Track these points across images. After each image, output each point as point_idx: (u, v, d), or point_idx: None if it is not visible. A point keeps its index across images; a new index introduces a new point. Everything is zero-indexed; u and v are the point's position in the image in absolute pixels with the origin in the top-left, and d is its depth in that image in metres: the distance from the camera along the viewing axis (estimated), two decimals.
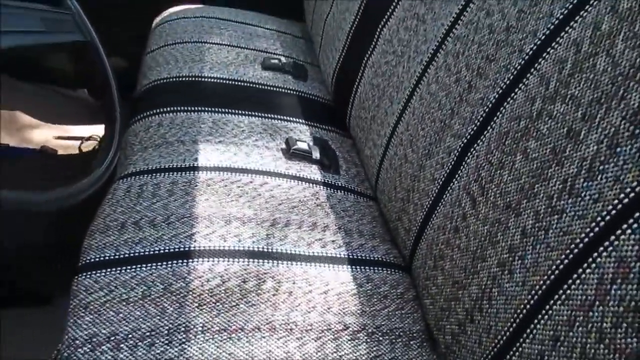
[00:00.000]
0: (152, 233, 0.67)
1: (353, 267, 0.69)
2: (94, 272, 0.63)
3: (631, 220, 0.40)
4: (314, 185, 0.81)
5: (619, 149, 0.42)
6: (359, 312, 0.64)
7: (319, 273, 0.66)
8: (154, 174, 0.77)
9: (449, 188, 0.62)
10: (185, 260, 0.64)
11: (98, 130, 1.56)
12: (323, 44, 1.16)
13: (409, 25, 0.79)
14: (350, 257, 0.70)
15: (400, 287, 0.69)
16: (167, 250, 0.65)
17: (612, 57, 0.45)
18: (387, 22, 0.86)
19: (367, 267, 0.70)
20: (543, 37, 0.53)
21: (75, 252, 0.69)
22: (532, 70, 0.53)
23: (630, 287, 0.39)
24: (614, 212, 0.41)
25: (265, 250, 0.67)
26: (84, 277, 0.63)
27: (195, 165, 0.79)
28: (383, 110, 0.81)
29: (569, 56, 0.49)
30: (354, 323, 0.62)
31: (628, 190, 0.40)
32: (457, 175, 0.60)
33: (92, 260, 0.65)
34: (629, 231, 0.40)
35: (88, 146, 1.52)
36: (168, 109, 0.93)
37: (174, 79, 1.03)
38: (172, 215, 0.70)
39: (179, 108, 0.93)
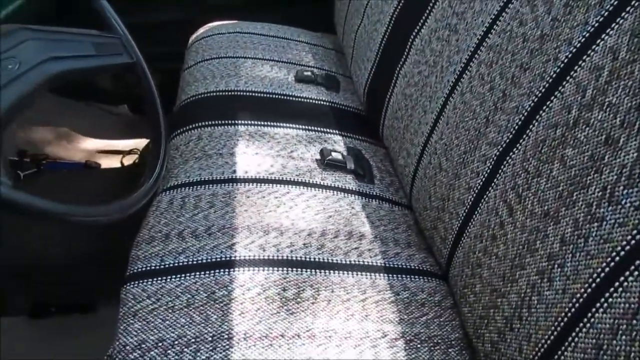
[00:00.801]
0: (195, 243, 0.70)
1: (390, 275, 0.70)
2: (141, 281, 0.66)
3: None
4: (349, 194, 0.83)
5: None
6: (397, 319, 0.64)
7: (357, 281, 0.68)
8: (195, 187, 0.80)
9: (485, 196, 0.62)
10: (226, 270, 0.66)
11: (138, 144, 1.63)
12: (355, 55, 1.18)
13: (441, 35, 0.80)
14: (387, 265, 0.71)
15: (437, 295, 0.69)
16: (209, 260, 0.67)
17: None
18: (419, 32, 0.87)
19: (403, 275, 0.70)
20: (578, 45, 0.53)
21: (121, 262, 0.73)
22: (568, 78, 0.53)
23: None
24: None
25: (304, 259, 0.69)
26: (132, 285, 0.66)
27: (234, 177, 0.81)
28: (416, 120, 0.82)
29: (605, 63, 0.49)
30: (392, 330, 0.63)
31: None
32: (493, 184, 0.61)
33: (140, 269, 0.68)
34: None
35: (129, 159, 1.58)
36: (206, 122, 0.97)
37: (211, 94, 1.07)
38: (213, 226, 0.72)
39: (216, 122, 0.96)
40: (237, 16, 1.49)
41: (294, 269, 0.67)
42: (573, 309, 0.47)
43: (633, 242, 0.42)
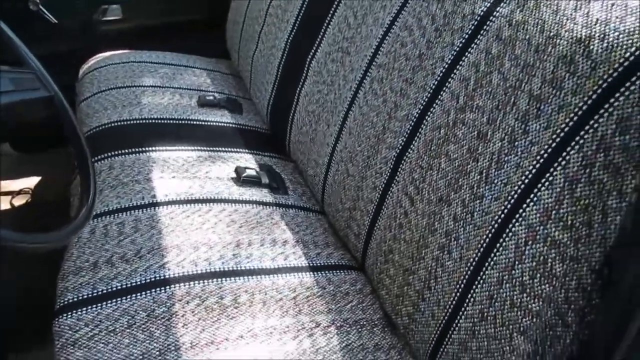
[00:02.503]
0: (126, 267, 0.71)
1: (315, 272, 0.77)
2: (74, 311, 0.66)
3: (532, 195, 0.52)
4: (268, 206, 0.89)
5: (516, 143, 0.55)
6: (326, 310, 0.72)
7: (286, 282, 0.74)
8: (116, 214, 0.81)
9: (389, 192, 0.72)
10: (163, 288, 0.69)
11: (28, 182, 1.53)
12: (253, 78, 1.26)
13: (335, 57, 0.91)
14: (311, 264, 0.79)
15: (358, 284, 0.78)
16: (144, 281, 0.69)
17: (503, 74, 0.58)
18: (315, 55, 0.97)
19: (326, 272, 0.78)
20: (449, 62, 0.66)
21: (46, 298, 0.72)
22: (444, 88, 0.66)
23: (538, 245, 0.51)
24: (519, 191, 0.53)
25: (236, 268, 0.74)
26: (64, 318, 0.66)
27: (155, 201, 0.84)
28: (321, 133, 0.92)
29: (471, 75, 0.62)
30: (324, 320, 0.70)
31: (527, 172, 0.53)
32: (395, 181, 0.72)
33: (70, 300, 0.68)
34: (532, 204, 0.52)
35: (20, 200, 1.48)
36: (116, 152, 0.97)
37: (116, 124, 1.07)
38: (142, 249, 0.74)
39: (126, 150, 0.97)
40: (127, 46, 1.49)
41: (228, 278, 0.72)
42: (469, 272, 0.58)
43: (506, 210, 0.55)
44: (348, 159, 0.83)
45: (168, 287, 0.69)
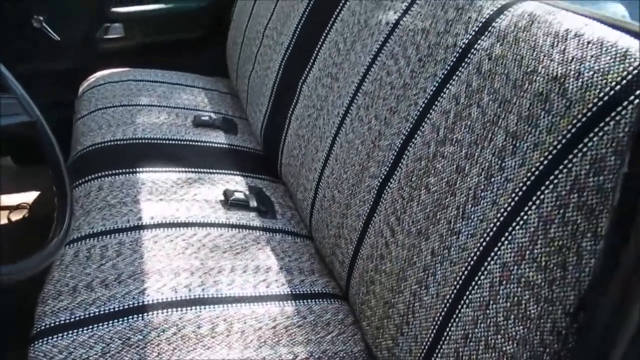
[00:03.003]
0: (105, 293, 0.71)
1: (297, 301, 0.76)
2: (50, 337, 0.66)
3: (507, 234, 0.51)
4: (254, 231, 0.89)
5: (492, 179, 0.54)
6: (305, 341, 0.71)
7: (266, 311, 0.73)
8: (100, 237, 0.81)
9: (372, 222, 0.72)
10: (140, 315, 0.68)
11: (27, 197, 1.54)
12: (249, 99, 1.26)
13: (325, 82, 0.91)
14: (293, 292, 0.78)
15: (340, 314, 0.77)
16: (121, 307, 0.69)
17: (482, 108, 0.58)
18: (306, 80, 0.97)
19: (309, 300, 0.77)
20: (431, 93, 0.66)
21: (26, 322, 0.71)
22: (426, 119, 0.65)
23: (512, 285, 0.50)
24: (495, 229, 0.52)
25: (215, 296, 0.73)
26: (40, 344, 0.65)
27: (140, 224, 0.84)
28: (310, 158, 0.91)
29: (451, 108, 0.62)
30: (302, 351, 0.69)
31: (502, 210, 0.52)
32: (377, 210, 0.71)
33: (48, 326, 0.67)
34: (506, 242, 0.51)
35: (17, 214, 1.49)
36: (106, 172, 0.97)
37: (109, 143, 1.08)
38: (123, 274, 0.74)
39: (117, 171, 0.98)
40: (128, 63, 1.51)
41: (208, 306, 0.71)
42: (445, 309, 0.57)
43: (482, 248, 0.53)
44: (334, 185, 0.82)
45: (145, 314, 0.68)
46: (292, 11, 1.10)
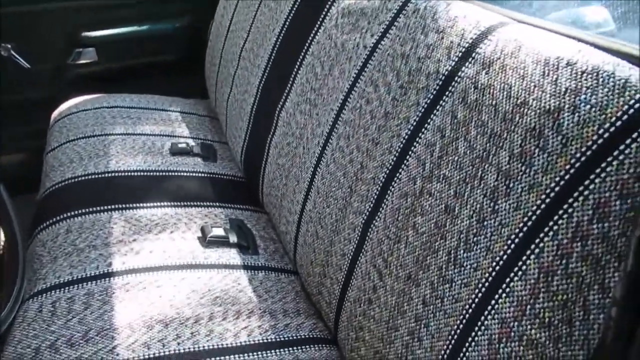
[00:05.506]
0: (70, 354, 0.65)
1: (282, 350, 0.71)
2: None
3: (504, 285, 0.46)
4: (235, 270, 0.83)
5: (485, 222, 0.49)
6: None
7: None
8: (67, 287, 0.75)
9: (358, 262, 0.66)
10: None
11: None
12: (228, 122, 1.21)
13: (303, 109, 0.86)
14: (278, 340, 0.72)
15: None
16: None
17: (469, 142, 0.53)
18: (284, 105, 0.92)
19: (294, 348, 0.72)
20: (414, 123, 0.61)
21: None
22: (410, 152, 0.60)
23: (513, 344, 0.45)
24: (490, 279, 0.47)
25: (192, 349, 0.67)
26: None
27: (110, 271, 0.78)
28: (291, 189, 0.86)
29: (436, 140, 0.57)
30: None
31: (497, 258, 0.47)
32: (363, 250, 0.65)
33: None
34: (504, 295, 0.46)
35: None
36: (76, 212, 0.91)
37: (79, 179, 1.02)
38: (91, 330, 0.68)
39: (87, 209, 0.92)
40: (102, 89, 1.45)
41: None
42: None
43: (477, 300, 0.48)
44: (317, 220, 0.77)
45: None
46: (267, 32, 1.05)
